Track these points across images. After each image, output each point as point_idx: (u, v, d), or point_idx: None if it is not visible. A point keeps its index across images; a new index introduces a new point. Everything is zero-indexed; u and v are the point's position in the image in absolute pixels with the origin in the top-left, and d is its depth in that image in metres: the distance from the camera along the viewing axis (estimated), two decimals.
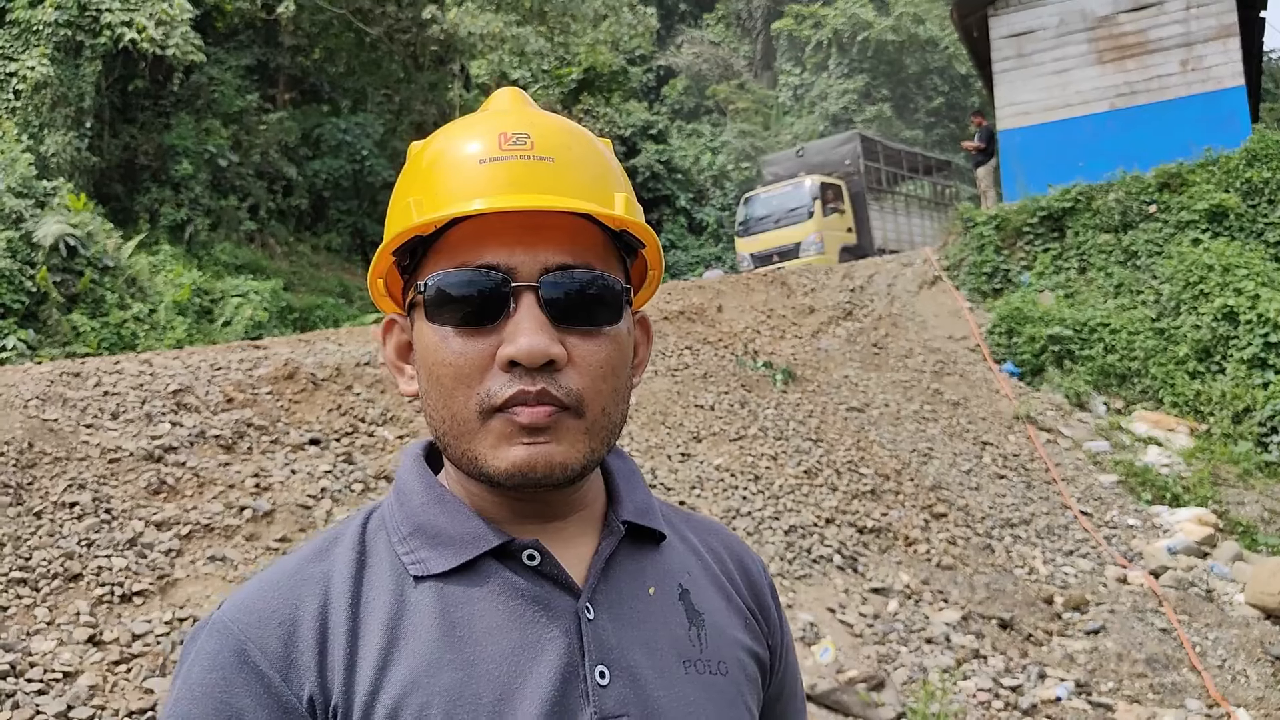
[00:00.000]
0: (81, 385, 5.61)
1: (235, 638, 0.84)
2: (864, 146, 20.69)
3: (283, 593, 0.87)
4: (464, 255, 0.88)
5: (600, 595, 0.91)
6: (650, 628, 0.93)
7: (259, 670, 0.83)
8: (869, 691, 4.59)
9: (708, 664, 0.94)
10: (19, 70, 14.12)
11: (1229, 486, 8.47)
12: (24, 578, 3.93)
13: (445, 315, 0.88)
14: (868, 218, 19.51)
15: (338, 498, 4.99)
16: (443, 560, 0.89)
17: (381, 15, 18.78)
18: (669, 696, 0.90)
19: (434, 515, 0.92)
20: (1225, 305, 10.12)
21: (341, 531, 0.94)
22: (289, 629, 0.85)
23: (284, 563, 0.91)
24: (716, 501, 6.17)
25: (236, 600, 0.88)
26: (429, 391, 0.90)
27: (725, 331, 9.68)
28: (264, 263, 15.65)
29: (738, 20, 43.14)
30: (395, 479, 0.98)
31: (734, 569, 1.06)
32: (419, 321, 0.91)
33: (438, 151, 0.92)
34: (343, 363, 6.50)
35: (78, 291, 10.99)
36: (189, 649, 0.87)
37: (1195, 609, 6.39)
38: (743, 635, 1.01)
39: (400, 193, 0.94)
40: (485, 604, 0.88)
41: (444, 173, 0.90)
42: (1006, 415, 9.36)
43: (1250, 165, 11.51)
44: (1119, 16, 14.47)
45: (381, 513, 0.96)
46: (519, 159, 0.88)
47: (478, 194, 0.86)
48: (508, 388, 0.85)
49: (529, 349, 0.84)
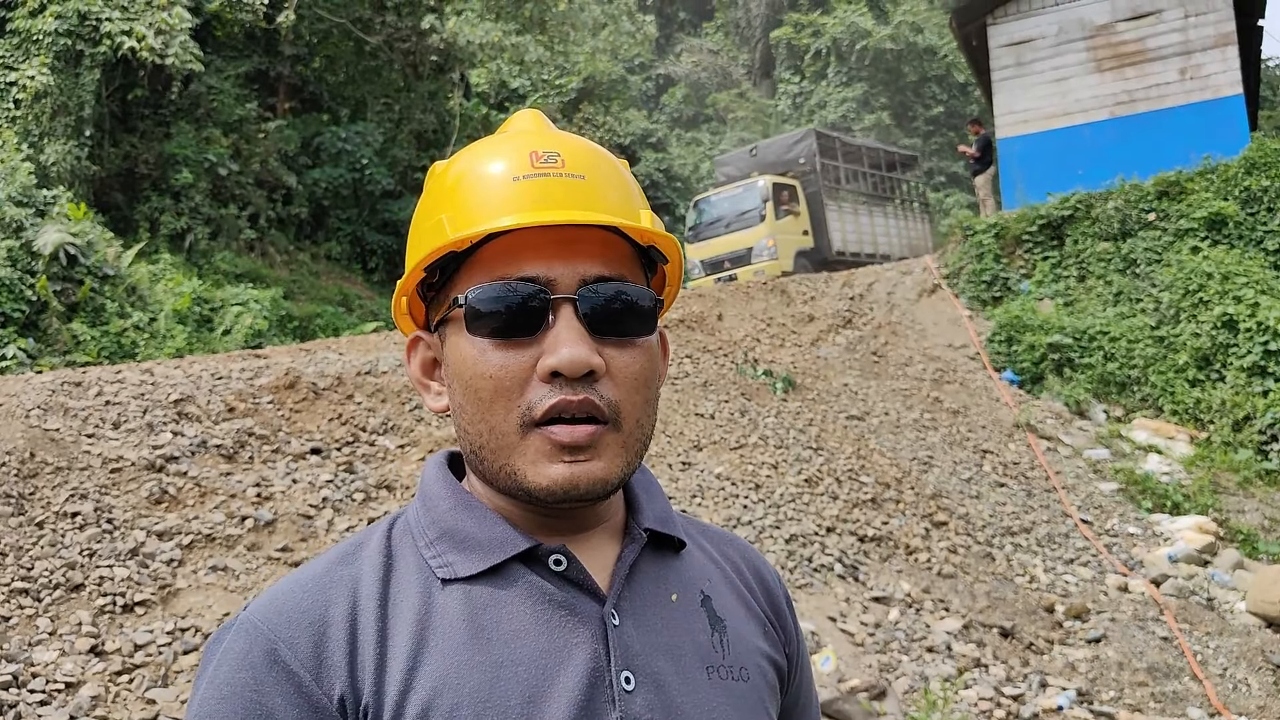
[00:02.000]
0: (83, 395, 5.61)
1: (266, 638, 0.85)
2: (820, 143, 19.49)
3: (312, 594, 0.88)
4: (501, 269, 0.89)
5: (625, 601, 0.92)
6: (673, 634, 0.94)
7: (290, 670, 0.83)
8: (871, 700, 4.59)
9: (730, 670, 0.95)
10: (19, 79, 14.14)
11: (1229, 494, 8.47)
12: (26, 588, 3.93)
13: (484, 328, 0.88)
14: (825, 219, 18.57)
15: (339, 507, 4.99)
16: (470, 564, 0.90)
17: (381, 24, 18.83)
18: (692, 702, 0.91)
19: (461, 520, 0.93)
20: (1225, 313, 10.13)
21: (367, 537, 0.95)
22: (319, 630, 0.86)
23: (311, 566, 0.92)
24: (717, 510, 6.17)
25: (265, 602, 0.88)
26: (464, 406, 0.90)
27: (725, 340, 9.69)
28: (264, 271, 15.65)
29: (737, 29, 43.24)
30: (420, 486, 0.99)
31: (751, 578, 1.07)
32: (454, 336, 0.92)
33: (466, 170, 0.93)
34: (344, 372, 6.50)
35: (78, 300, 11.00)
36: (213, 650, 0.88)
37: (1196, 617, 6.38)
38: (762, 643, 1.02)
39: (428, 211, 0.94)
40: (512, 608, 0.89)
41: (476, 190, 0.91)
42: (1006, 423, 9.36)
43: (1249, 173, 11.53)
44: (1117, 25, 14.52)
45: (406, 519, 0.97)
46: (552, 176, 0.89)
47: (513, 210, 0.88)
48: (549, 398, 0.86)
49: (571, 359, 0.86)
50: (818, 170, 18.98)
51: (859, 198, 20.91)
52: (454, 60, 19.93)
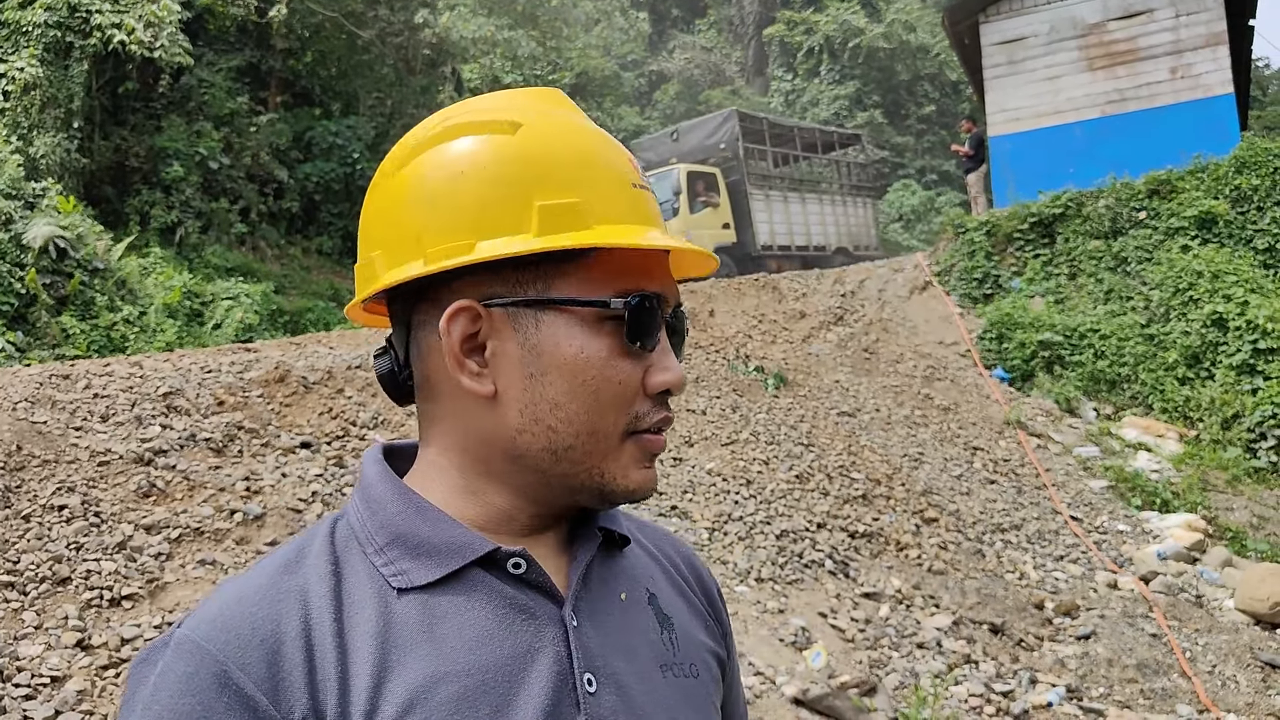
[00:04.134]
0: (71, 388, 5.58)
1: (213, 658, 0.78)
2: (744, 125, 17.74)
3: (260, 608, 0.82)
4: (636, 279, 0.90)
5: (582, 603, 0.91)
6: (627, 634, 0.93)
7: (244, 693, 0.77)
8: (861, 697, 4.59)
9: (681, 667, 0.95)
10: (8, 71, 14.05)
11: (1218, 492, 8.50)
12: (11, 581, 3.90)
13: (620, 333, 0.88)
14: (750, 211, 17.12)
15: (329, 501, 4.97)
16: (426, 571, 0.86)
17: (374, 19, 18.77)
18: (651, 701, 0.90)
19: (413, 524, 0.88)
20: (1214, 311, 10.16)
21: (307, 543, 0.89)
22: (272, 647, 0.79)
23: (251, 577, 0.85)
24: (709, 506, 6.16)
25: (206, 618, 0.81)
26: (565, 404, 0.87)
27: (717, 336, 9.68)
28: (255, 266, 15.59)
29: (729, 26, 43.23)
30: (361, 486, 0.93)
31: (688, 572, 1.08)
32: (565, 326, 0.87)
33: (580, 152, 0.89)
34: (334, 366, 6.48)
35: (67, 294, 10.94)
36: (143, 672, 0.80)
37: (1185, 614, 6.40)
38: (705, 637, 1.02)
39: (533, 181, 0.86)
40: (473, 614, 0.85)
41: (608, 186, 0.89)
42: (997, 420, 9.38)
43: (1239, 172, 11.57)
44: (1109, 24, 14.55)
45: (348, 522, 0.91)
46: (647, 190, 0.93)
47: (648, 223, 0.91)
48: (656, 413, 0.91)
49: (681, 380, 0.92)
50: (741, 156, 17.57)
51: (790, 185, 19.41)
52: (446, 55, 19.89)
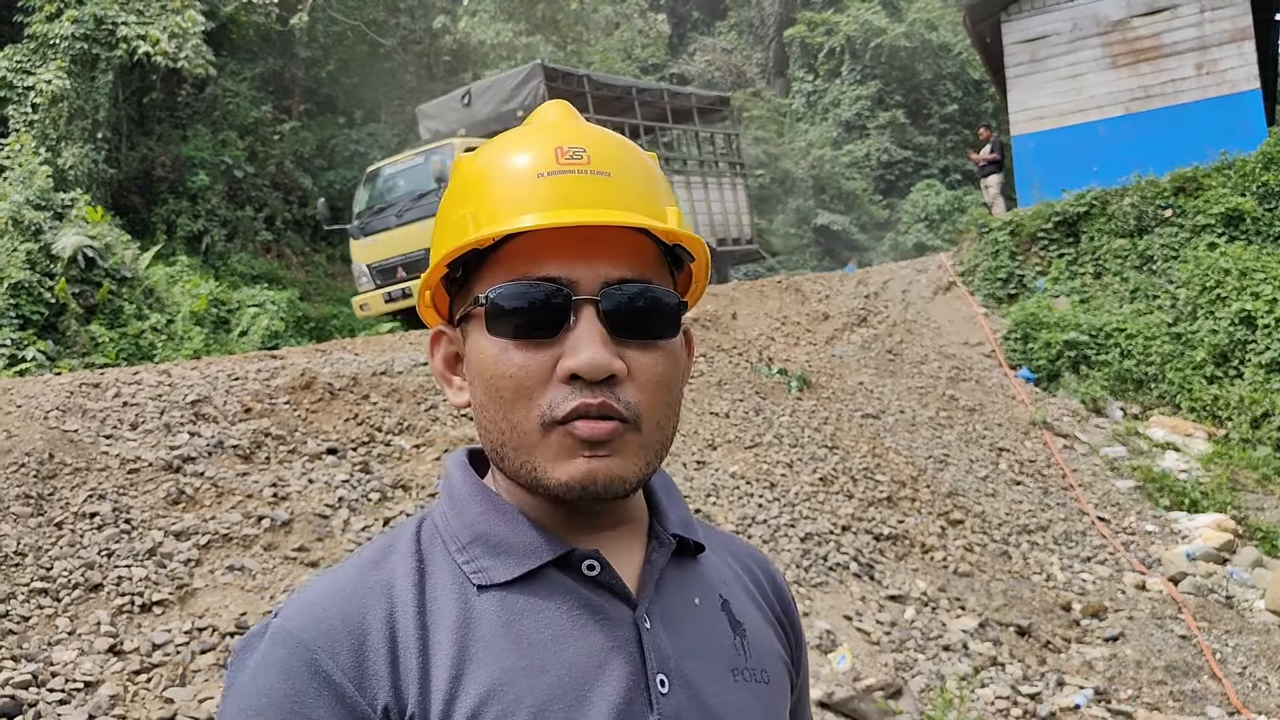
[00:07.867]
0: (101, 396, 5.65)
1: (306, 647, 0.83)
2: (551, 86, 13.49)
3: (348, 601, 0.86)
4: (523, 268, 0.88)
5: (654, 606, 0.93)
6: (699, 637, 0.95)
7: (332, 680, 0.82)
8: (886, 699, 4.58)
9: (753, 672, 0.97)
10: (36, 84, 14.25)
11: (1248, 492, 8.42)
12: (45, 588, 3.96)
13: (505, 327, 0.88)
14: None
15: (355, 507, 5.01)
16: (505, 569, 0.90)
17: (395, 26, 18.91)
18: (722, 704, 0.92)
19: (494, 524, 0.92)
20: (1243, 309, 10.06)
21: (395, 540, 0.94)
22: (359, 638, 0.84)
23: (341, 571, 0.91)
24: (732, 509, 6.16)
25: (299, 609, 0.86)
26: (486, 404, 0.90)
27: (740, 339, 9.68)
28: (280, 273, 15.73)
29: (750, 27, 43.16)
30: (446, 488, 0.98)
31: (764, 581, 1.09)
32: (475, 334, 0.91)
33: (490, 164, 0.92)
34: (359, 372, 6.53)
35: (96, 302, 11.07)
36: (245, 659, 0.86)
37: (1215, 615, 6.35)
38: (777, 645, 1.04)
39: (452, 205, 0.93)
40: (549, 613, 0.89)
41: (499, 186, 0.90)
42: (1022, 421, 9.32)
43: (1266, 168, 11.45)
44: (1133, 20, 14.43)
45: (434, 521, 0.95)
46: (576, 173, 0.88)
47: (536, 208, 0.87)
48: (569, 401, 0.86)
49: (591, 363, 0.85)
50: None
51: None
52: (466, 61, 19.98)
